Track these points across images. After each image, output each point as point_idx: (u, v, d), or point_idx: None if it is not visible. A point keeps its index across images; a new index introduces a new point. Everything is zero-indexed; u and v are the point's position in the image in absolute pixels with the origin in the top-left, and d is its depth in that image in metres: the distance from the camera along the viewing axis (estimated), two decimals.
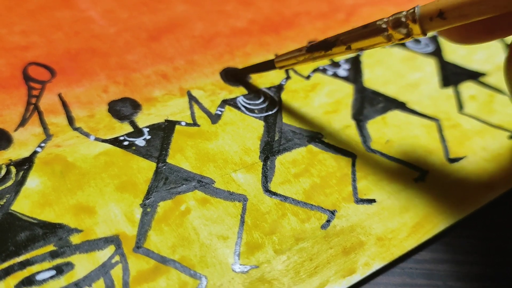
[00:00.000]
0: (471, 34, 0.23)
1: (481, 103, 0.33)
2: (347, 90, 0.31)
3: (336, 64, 0.33)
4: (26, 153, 0.24)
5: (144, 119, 0.27)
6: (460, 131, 0.30)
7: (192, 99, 0.28)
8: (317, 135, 0.28)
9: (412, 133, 0.29)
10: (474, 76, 0.35)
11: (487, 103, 0.33)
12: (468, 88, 0.34)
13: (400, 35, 0.22)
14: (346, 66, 0.33)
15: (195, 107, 0.28)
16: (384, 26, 0.22)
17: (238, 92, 0.30)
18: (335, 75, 0.32)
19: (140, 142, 0.25)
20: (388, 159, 0.27)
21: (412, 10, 0.21)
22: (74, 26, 0.32)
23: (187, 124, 0.27)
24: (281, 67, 0.28)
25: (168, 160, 0.25)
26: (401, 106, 0.31)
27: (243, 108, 0.29)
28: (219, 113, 0.28)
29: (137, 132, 0.26)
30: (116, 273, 0.20)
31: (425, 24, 0.21)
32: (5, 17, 0.31)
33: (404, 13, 0.21)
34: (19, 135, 0.25)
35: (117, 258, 0.21)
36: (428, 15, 0.20)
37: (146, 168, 0.24)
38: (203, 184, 0.24)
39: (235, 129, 0.27)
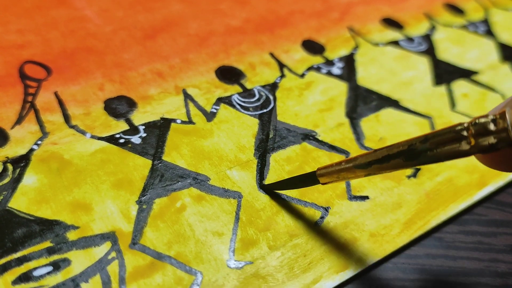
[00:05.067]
0: None
1: (473, 101, 0.33)
2: (341, 88, 0.32)
3: (330, 63, 0.34)
4: (22, 151, 0.24)
5: (139, 117, 0.27)
6: None
7: (187, 97, 0.29)
8: (311, 133, 0.28)
9: (405, 131, 0.29)
10: (467, 74, 0.35)
11: (479, 101, 0.33)
12: (460, 86, 0.34)
13: (485, 146, 0.16)
14: (340, 64, 0.34)
15: (191, 105, 0.28)
16: (464, 133, 0.16)
17: (233, 90, 0.30)
18: (329, 73, 0.33)
19: (136, 139, 0.26)
20: None
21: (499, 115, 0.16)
22: (70, 25, 0.32)
23: (183, 122, 0.27)
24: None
25: (164, 158, 0.25)
26: (394, 104, 0.31)
27: (238, 106, 0.29)
28: (214, 111, 0.28)
29: (133, 130, 0.26)
30: (113, 269, 0.20)
31: None
32: (1, 16, 0.31)
33: (491, 117, 0.16)
34: (15, 132, 0.25)
35: (113, 254, 0.21)
36: None
37: (142, 165, 0.24)
38: (199, 181, 0.24)
39: (230, 127, 0.27)
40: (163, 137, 0.26)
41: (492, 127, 0.16)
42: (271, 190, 0.25)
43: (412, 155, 0.18)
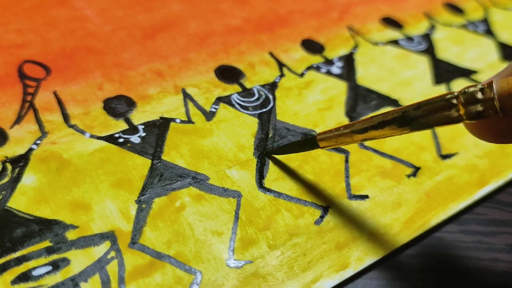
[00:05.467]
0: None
1: None
2: (341, 88, 0.32)
3: (329, 62, 0.33)
4: (21, 150, 0.24)
5: (139, 117, 0.27)
6: (452, 128, 0.30)
7: (186, 96, 0.29)
8: (310, 132, 0.28)
9: None
10: (466, 73, 0.35)
11: None
12: (460, 85, 0.34)
13: (473, 113, 0.17)
14: (340, 63, 0.34)
15: (190, 104, 0.28)
16: (454, 101, 0.17)
17: (233, 89, 0.30)
18: (328, 72, 0.33)
19: (135, 139, 0.26)
20: (381, 156, 0.28)
21: (487, 85, 0.17)
22: (70, 25, 0.32)
23: (182, 121, 0.27)
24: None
25: (163, 157, 0.25)
26: (394, 103, 0.31)
27: (237, 106, 0.29)
28: (214, 110, 0.28)
29: (132, 129, 0.26)
30: (112, 268, 0.20)
31: (506, 102, 0.16)
32: (1, 16, 0.31)
33: (479, 86, 0.17)
34: (14, 132, 0.25)
35: (112, 253, 0.21)
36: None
37: (141, 164, 0.24)
38: (198, 180, 0.24)
39: (230, 126, 0.27)
40: (163, 136, 0.26)
41: (480, 95, 0.17)
42: (274, 157, 0.26)
43: (406, 121, 0.19)
